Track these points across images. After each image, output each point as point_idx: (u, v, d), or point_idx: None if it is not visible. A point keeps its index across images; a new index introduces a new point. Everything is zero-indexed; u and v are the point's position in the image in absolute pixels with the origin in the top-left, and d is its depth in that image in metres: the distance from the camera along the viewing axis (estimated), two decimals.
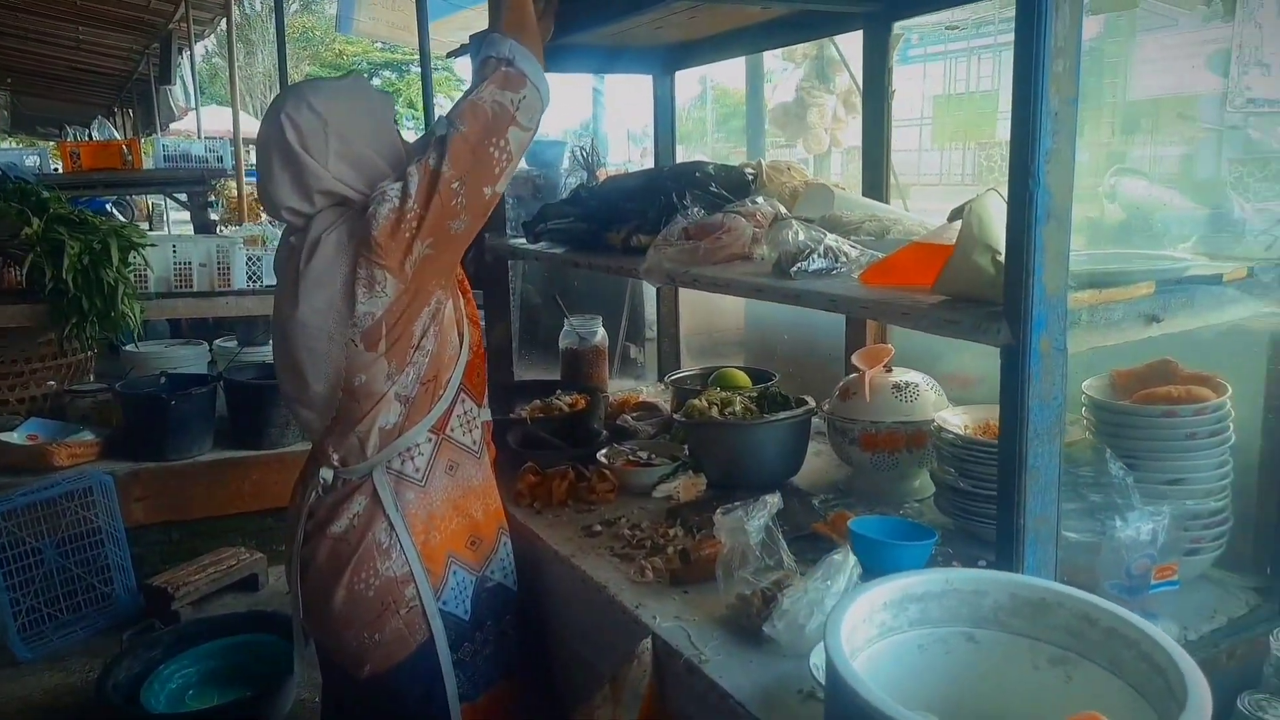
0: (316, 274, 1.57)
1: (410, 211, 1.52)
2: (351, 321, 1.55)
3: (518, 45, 1.60)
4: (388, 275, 1.54)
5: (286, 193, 1.61)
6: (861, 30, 2.26)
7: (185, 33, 10.24)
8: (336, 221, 1.59)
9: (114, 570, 3.26)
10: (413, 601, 1.66)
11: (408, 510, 1.67)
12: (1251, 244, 1.53)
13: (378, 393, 1.61)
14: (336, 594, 1.64)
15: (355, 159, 1.61)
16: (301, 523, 1.71)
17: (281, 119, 1.59)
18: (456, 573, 1.72)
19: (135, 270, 3.60)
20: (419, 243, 1.54)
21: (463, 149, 1.54)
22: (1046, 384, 1.15)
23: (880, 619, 0.96)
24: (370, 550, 1.64)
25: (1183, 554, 1.40)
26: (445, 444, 1.73)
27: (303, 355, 1.61)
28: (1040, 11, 1.08)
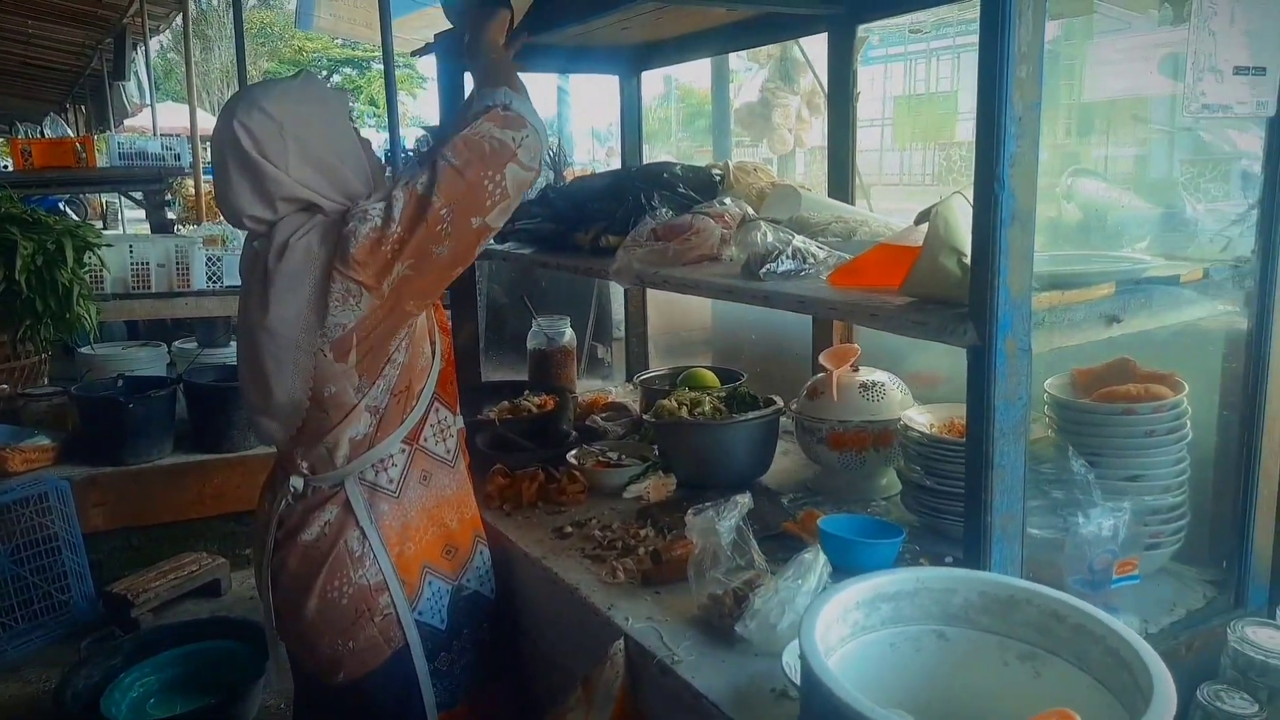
0: (285, 280, 1.54)
1: (393, 234, 1.49)
2: (321, 331, 1.53)
3: (512, 93, 1.60)
4: (364, 291, 1.51)
5: (248, 201, 1.57)
6: (826, 33, 2.28)
7: (140, 28, 10.03)
8: (304, 227, 1.56)
9: (71, 577, 3.19)
10: (387, 610, 1.64)
11: (382, 522, 1.65)
12: (1206, 246, 1.57)
13: (347, 404, 1.59)
14: (309, 601, 1.62)
15: (315, 161, 1.58)
16: (271, 531, 1.68)
17: (235, 126, 1.54)
18: (432, 583, 1.71)
19: (91, 271, 3.53)
20: (399, 263, 1.51)
21: (454, 179, 1.51)
22: (1012, 384, 1.18)
23: (853, 618, 0.97)
24: (342, 557, 1.62)
25: (1143, 549, 1.43)
26: (419, 454, 1.71)
27: (269, 363, 1.57)
28: (1004, 19, 1.10)
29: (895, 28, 6.90)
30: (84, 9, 10.11)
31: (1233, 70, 1.34)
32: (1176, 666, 0.90)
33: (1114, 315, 1.28)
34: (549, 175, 3.14)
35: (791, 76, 4.89)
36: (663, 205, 2.05)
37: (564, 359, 2.88)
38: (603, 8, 1.87)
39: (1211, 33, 1.31)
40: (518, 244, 2.40)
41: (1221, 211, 1.88)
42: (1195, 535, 1.56)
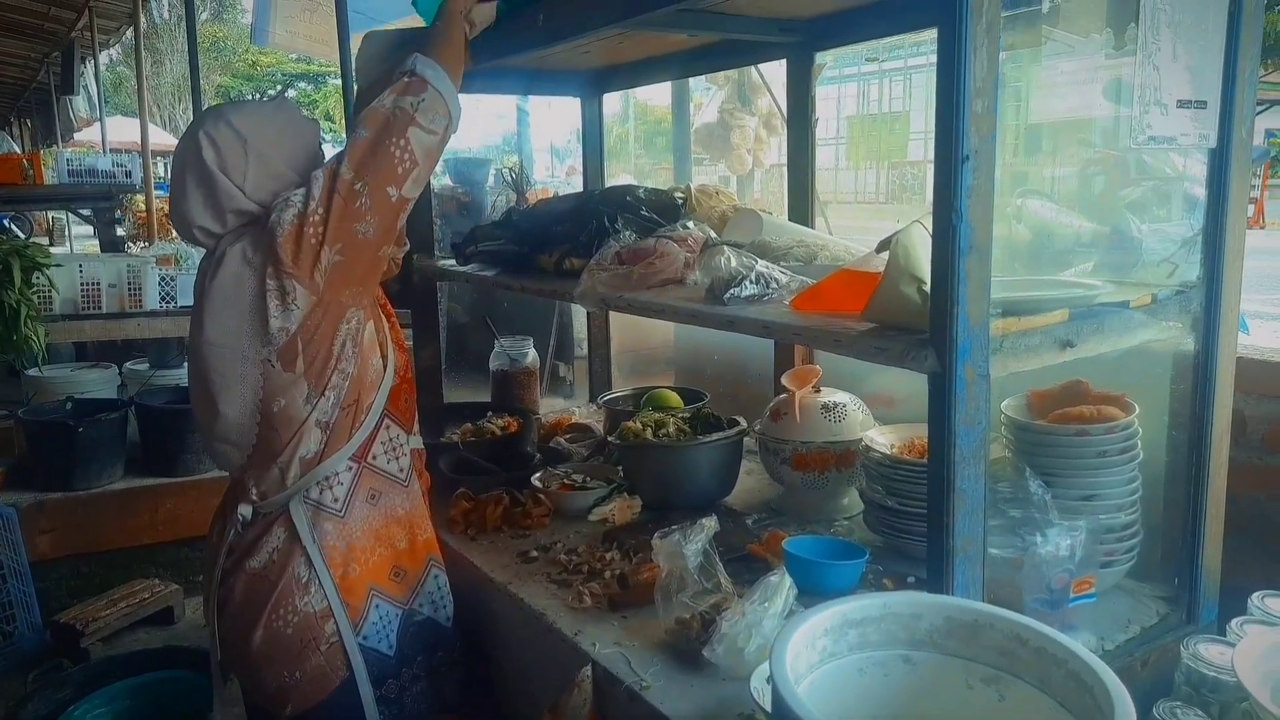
0: (223, 290, 1.54)
1: (314, 215, 1.50)
2: (265, 338, 1.52)
3: (421, 57, 1.60)
4: (298, 285, 1.51)
5: (199, 212, 1.57)
6: (785, 59, 2.32)
7: (88, 41, 9.85)
8: (240, 236, 1.56)
9: (17, 607, 3.09)
10: (333, 637, 1.61)
11: (325, 542, 1.62)
12: (1153, 270, 1.62)
13: (298, 418, 1.58)
14: (255, 633, 1.59)
15: (275, 181, 1.58)
16: (220, 560, 1.66)
17: (200, 137, 1.56)
18: (379, 606, 1.68)
19: (39, 291, 3.44)
20: (326, 248, 1.51)
21: (360, 148, 1.53)
22: (972, 409, 1.20)
23: (821, 644, 0.98)
24: (289, 586, 1.59)
25: (1098, 567, 1.47)
26: (367, 472, 1.68)
27: (214, 378, 1.56)
28: (959, 56, 1.14)
29: (851, 52, 7.04)
30: (31, 22, 9.91)
31: (1176, 104, 1.39)
32: (1133, 683, 0.93)
33: (1068, 340, 1.32)
34: (508, 194, 3.15)
35: (749, 99, 4.96)
36: (626, 228, 2.06)
37: (527, 380, 2.88)
38: (568, 33, 1.88)
39: (1156, 68, 1.36)
40: (481, 266, 2.40)
41: (1165, 232, 1.94)
42: (1148, 552, 1.60)
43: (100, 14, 9.43)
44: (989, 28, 1.14)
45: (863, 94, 15.93)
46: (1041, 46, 2.21)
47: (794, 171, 2.35)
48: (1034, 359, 1.30)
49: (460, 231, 3.13)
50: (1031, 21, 1.86)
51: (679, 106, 4.12)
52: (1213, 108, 1.44)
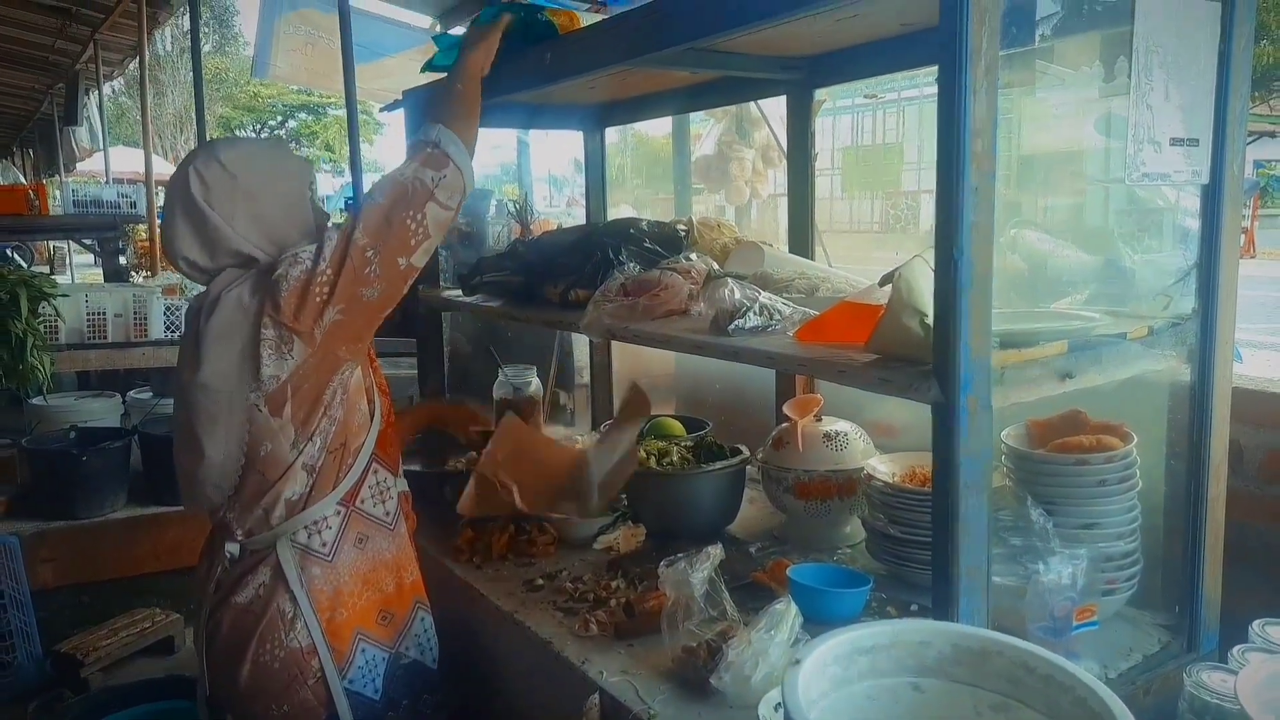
0: (217, 333, 1.54)
1: (322, 275, 1.51)
2: (255, 384, 1.53)
3: (445, 130, 1.63)
4: (296, 339, 1.52)
5: (186, 244, 1.59)
6: (785, 96, 2.37)
7: (93, 73, 9.96)
8: (238, 279, 1.57)
9: (17, 637, 3.08)
10: (319, 673, 1.62)
11: (313, 586, 1.62)
12: (1149, 303, 1.65)
13: (284, 462, 1.59)
14: (243, 666, 1.60)
15: (263, 220, 1.60)
16: (209, 595, 1.67)
17: (190, 171, 1.58)
18: (365, 650, 1.67)
19: (46, 321, 3.47)
20: (330, 308, 1.53)
21: (376, 216, 1.55)
22: (975, 439, 1.23)
23: (831, 672, 1.00)
24: (275, 621, 1.60)
25: (1100, 595, 1.49)
26: (355, 516, 1.69)
27: (203, 421, 1.57)
28: (960, 96, 1.18)
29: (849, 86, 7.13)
30: (36, 54, 10.03)
31: (1169, 141, 1.43)
32: (1136, 711, 0.94)
33: (1067, 372, 1.35)
34: (513, 226, 3.19)
35: (746, 131, 5.03)
36: (630, 260, 2.09)
37: (530, 408, 2.89)
38: (575, 71, 1.93)
39: (1149, 107, 1.40)
40: (486, 296, 2.43)
41: (1157, 263, 1.98)
42: (1148, 581, 1.62)
43: (105, 46, 9.55)
44: (988, 70, 1.18)
45: (857, 125, 16.10)
46: (1035, 83, 2.26)
47: (794, 204, 2.39)
48: (1034, 390, 1.32)
49: (464, 262, 3.17)
50: (1026, 59, 1.91)
51: (679, 139, 4.19)
52: (1205, 145, 1.48)
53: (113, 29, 9.02)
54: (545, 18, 2.06)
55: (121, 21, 8.68)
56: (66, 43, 9.77)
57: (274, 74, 8.92)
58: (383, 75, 7.55)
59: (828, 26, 1.78)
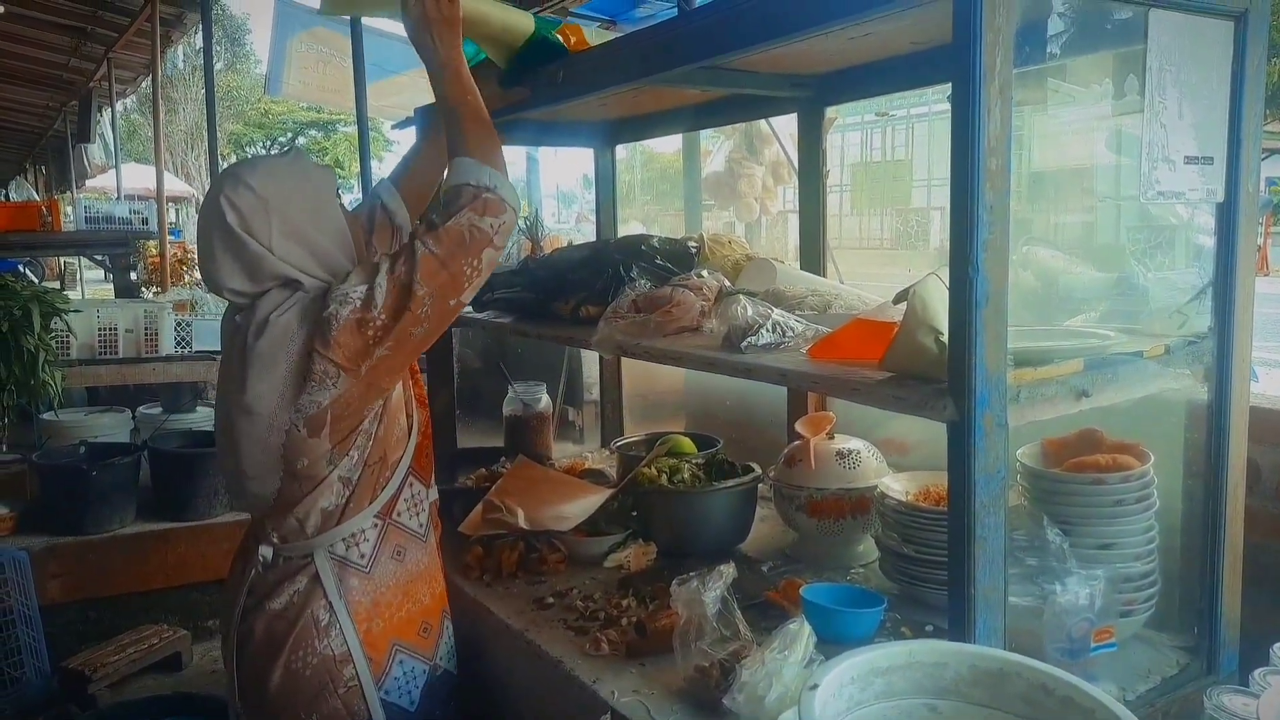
0: (263, 357, 1.54)
1: (376, 320, 1.51)
2: (296, 407, 1.53)
3: (494, 173, 1.60)
4: (341, 372, 1.52)
5: (228, 274, 1.59)
6: (796, 113, 2.37)
7: (106, 91, 10.06)
8: (285, 304, 1.56)
9: (25, 653, 3.08)
10: (351, 682, 1.61)
11: (351, 597, 1.63)
12: (1164, 321, 1.64)
13: (319, 475, 1.59)
14: (274, 672, 1.60)
15: (299, 237, 1.59)
16: (241, 599, 1.67)
17: (221, 202, 1.57)
18: (404, 662, 1.67)
19: (57, 336, 3.48)
20: (380, 347, 1.53)
21: (437, 269, 1.52)
22: (991, 458, 1.22)
23: (848, 693, 0.99)
24: (309, 627, 1.60)
25: (1117, 616, 1.47)
26: (392, 528, 1.69)
27: (244, 440, 1.58)
28: (974, 115, 1.18)
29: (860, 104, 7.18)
30: (51, 73, 10.14)
31: (1184, 160, 1.43)
32: None
33: (1083, 390, 1.34)
34: (523, 242, 3.19)
35: (756, 148, 5.05)
36: (641, 276, 2.09)
37: (540, 425, 2.89)
38: (588, 89, 1.94)
39: (1163, 125, 1.40)
40: (497, 312, 2.43)
41: (1170, 281, 1.97)
42: (1166, 602, 1.60)
43: (119, 65, 9.65)
44: (1002, 89, 1.18)
45: (866, 142, 16.17)
46: (1046, 101, 2.26)
47: (805, 221, 2.39)
48: (1050, 408, 1.32)
49: None
50: (1038, 78, 1.92)
51: (690, 156, 4.20)
52: (1219, 163, 1.48)
53: (126, 47, 9.11)
54: (554, 38, 2.08)
55: (135, 40, 8.77)
56: (81, 61, 9.87)
57: (286, 91, 9.02)
58: (393, 92, 7.61)
59: (839, 45, 1.79)
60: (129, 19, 8.21)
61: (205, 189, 23.52)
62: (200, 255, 1.64)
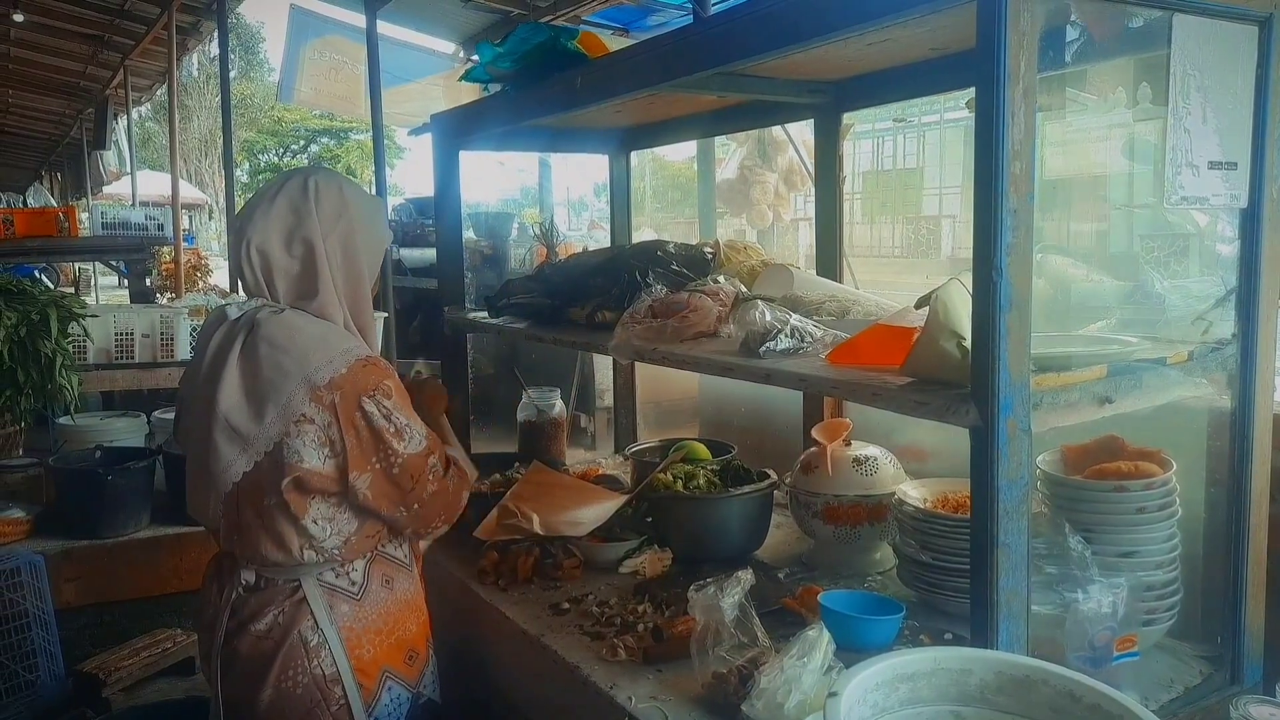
0: (269, 388, 1.51)
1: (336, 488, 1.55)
2: (283, 459, 1.51)
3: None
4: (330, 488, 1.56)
5: (270, 231, 1.58)
6: (813, 119, 2.37)
7: (122, 98, 10.14)
8: (301, 365, 1.52)
9: (40, 656, 3.08)
10: (341, 700, 1.60)
11: (342, 623, 1.61)
12: (1185, 328, 1.63)
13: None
14: (264, 692, 1.57)
15: (349, 255, 1.63)
16: (222, 622, 1.62)
17: (309, 181, 1.62)
18: (392, 689, 1.66)
19: (74, 341, 3.50)
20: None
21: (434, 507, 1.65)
22: (1014, 463, 1.21)
23: (873, 699, 0.98)
24: (296, 647, 1.58)
25: (1139, 625, 1.46)
26: (379, 559, 1.69)
27: (220, 448, 1.53)
28: (998, 119, 1.17)
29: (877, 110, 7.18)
30: (67, 80, 10.22)
31: (1208, 165, 1.42)
32: None
33: (1107, 396, 1.33)
34: (536, 249, 3.19)
35: (769, 155, 5.06)
36: (657, 282, 2.09)
37: (554, 430, 2.89)
38: (605, 94, 1.95)
39: (1187, 130, 1.39)
40: (512, 318, 2.43)
41: (1186, 288, 1.96)
42: (1188, 611, 1.58)
43: (135, 72, 9.72)
44: (1026, 93, 1.18)
45: (877, 150, 16.16)
46: (1064, 107, 2.26)
47: (822, 227, 2.39)
48: (1073, 414, 1.31)
49: (487, 284, 3.18)
50: (1056, 84, 1.91)
51: (704, 163, 4.21)
52: (1243, 168, 1.47)
53: (142, 55, 9.20)
54: (574, 46, 2.08)
55: (151, 48, 8.85)
56: (97, 69, 9.96)
57: (299, 98, 9.08)
58: (404, 100, 7.65)
59: (858, 51, 1.78)
60: (146, 27, 8.29)
61: (219, 196, 23.56)
62: (248, 215, 1.62)
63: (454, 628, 2.09)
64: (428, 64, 8.03)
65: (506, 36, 2.12)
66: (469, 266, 4.56)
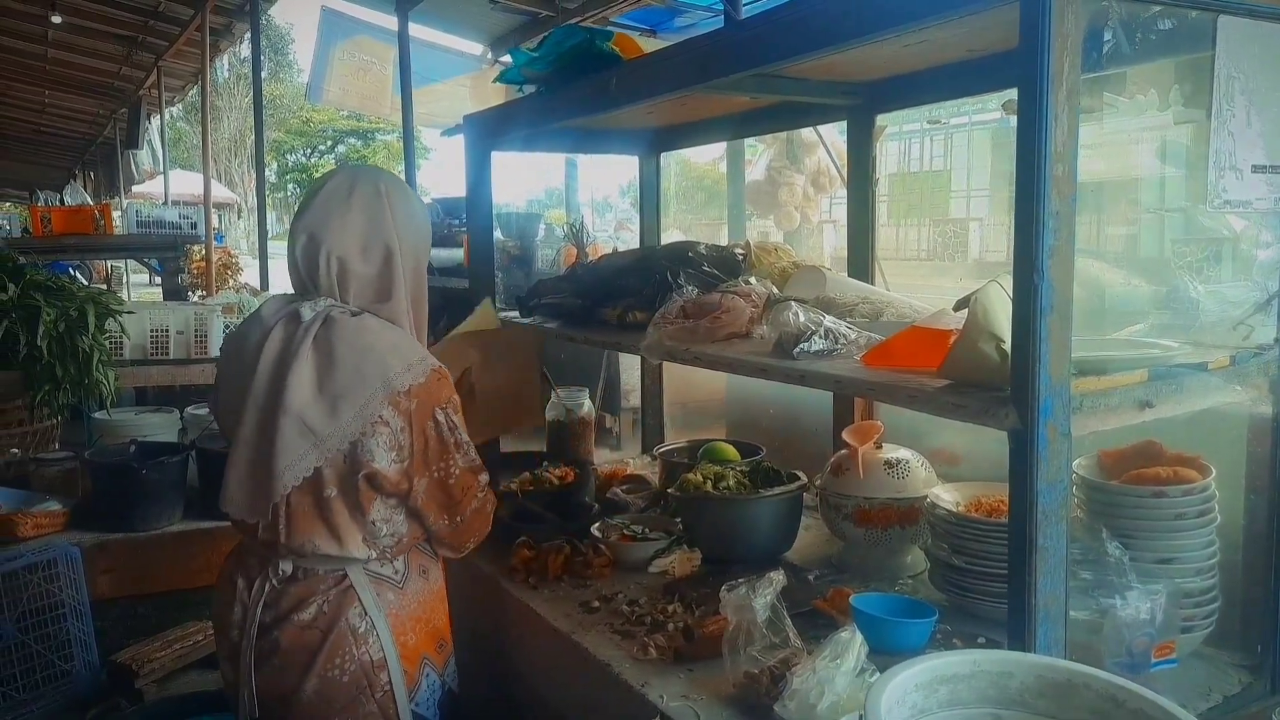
0: (349, 387, 1.53)
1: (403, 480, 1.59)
2: (357, 455, 1.53)
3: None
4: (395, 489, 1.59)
5: (351, 242, 1.61)
6: (845, 121, 2.37)
7: (155, 98, 10.28)
8: (396, 375, 1.56)
9: (75, 646, 3.13)
10: (386, 686, 1.62)
11: (389, 610, 1.64)
12: (1225, 332, 1.61)
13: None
14: (308, 682, 1.58)
15: (417, 259, 1.68)
16: (254, 617, 1.61)
17: (380, 186, 1.66)
18: (429, 675, 1.70)
19: (111, 337, 3.56)
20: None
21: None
22: (1053, 467, 1.21)
23: (912, 700, 0.98)
24: (344, 635, 1.59)
25: (1177, 632, 1.44)
26: (415, 550, 1.72)
27: (288, 443, 1.53)
28: (1041, 121, 1.17)
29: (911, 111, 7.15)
30: (102, 80, 10.39)
31: (1251, 168, 1.40)
32: None
33: (1147, 401, 1.32)
34: (564, 249, 3.20)
35: (798, 156, 5.04)
36: (688, 283, 2.10)
37: (582, 430, 2.90)
38: (639, 96, 1.95)
39: (1230, 133, 1.38)
40: (544, 318, 2.45)
41: (1222, 293, 1.93)
42: (1227, 619, 1.57)
43: (168, 73, 9.87)
44: (1069, 94, 1.17)
45: (905, 152, 16.06)
46: (1101, 110, 2.24)
47: (854, 230, 2.38)
48: (1113, 418, 1.30)
49: (516, 284, 3.20)
50: (1095, 87, 1.89)
51: (734, 165, 4.20)
52: None
53: (175, 56, 9.33)
54: (609, 48, 2.09)
55: (184, 49, 8.97)
56: (131, 69, 10.12)
57: (327, 99, 9.17)
58: (432, 100, 7.71)
59: (893, 52, 1.78)
60: (179, 28, 8.41)
61: (248, 195, 23.78)
62: (322, 216, 1.62)
63: (479, 622, 2.11)
64: (456, 65, 8.09)
65: (542, 40, 2.13)
66: (498, 266, 4.59)
